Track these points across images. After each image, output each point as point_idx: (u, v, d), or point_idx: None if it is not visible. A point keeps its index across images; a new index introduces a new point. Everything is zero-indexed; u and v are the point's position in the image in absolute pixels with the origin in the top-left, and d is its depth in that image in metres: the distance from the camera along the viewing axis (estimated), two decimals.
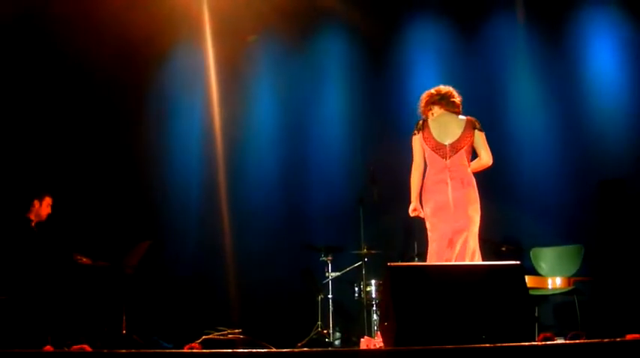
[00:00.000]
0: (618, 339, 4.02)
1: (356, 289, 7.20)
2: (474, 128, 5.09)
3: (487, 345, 4.10)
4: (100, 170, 8.01)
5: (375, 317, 7.01)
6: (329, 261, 7.36)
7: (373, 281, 7.04)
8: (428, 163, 4.99)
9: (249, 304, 7.83)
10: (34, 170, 7.56)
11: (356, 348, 5.32)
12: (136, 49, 7.99)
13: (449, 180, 4.88)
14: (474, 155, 5.26)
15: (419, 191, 5.04)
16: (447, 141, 4.97)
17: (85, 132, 8.05)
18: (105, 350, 5.25)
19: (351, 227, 7.00)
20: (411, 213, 5.06)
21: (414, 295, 4.59)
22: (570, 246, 7.27)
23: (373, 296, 7.03)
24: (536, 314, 6.50)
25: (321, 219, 8.13)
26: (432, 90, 5.25)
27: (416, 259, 7.10)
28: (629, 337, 4.12)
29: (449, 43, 8.59)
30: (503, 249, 6.90)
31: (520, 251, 7.04)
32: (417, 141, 5.04)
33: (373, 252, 7.09)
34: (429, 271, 4.85)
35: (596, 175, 7.70)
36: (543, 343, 4.21)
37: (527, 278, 5.45)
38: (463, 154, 4.98)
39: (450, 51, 8.56)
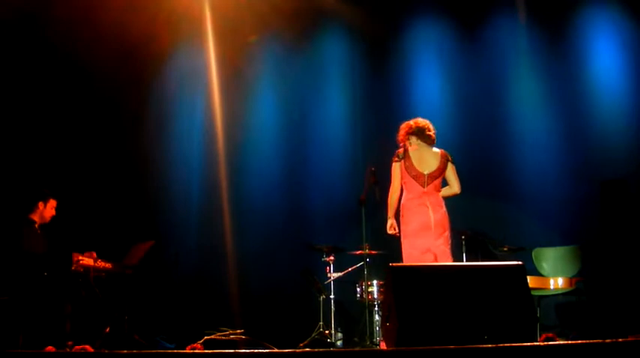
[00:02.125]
0: (620, 340, 4.01)
1: (358, 289, 7.19)
2: (448, 160, 5.77)
3: (489, 345, 4.10)
4: (101, 170, 8.03)
5: (377, 317, 7.00)
6: (331, 262, 7.36)
7: (375, 282, 7.02)
8: (406, 188, 5.58)
9: (250, 304, 7.83)
10: (37, 170, 7.57)
11: (357, 349, 5.31)
12: (138, 49, 8.01)
13: (429, 204, 5.51)
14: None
15: (395, 211, 5.60)
16: (426, 171, 5.60)
17: (86, 132, 8.06)
18: (106, 351, 5.27)
19: (353, 227, 6.97)
20: (389, 230, 5.61)
21: (416, 295, 4.61)
22: (572, 247, 7.28)
23: (375, 296, 7.01)
24: (538, 315, 6.49)
25: (322, 219, 8.13)
26: (411, 122, 5.80)
27: None
28: (631, 338, 4.12)
29: (451, 43, 8.59)
30: (505, 249, 6.89)
31: (522, 251, 7.01)
32: (398, 167, 5.62)
33: (375, 252, 7.07)
34: (430, 271, 4.86)
35: (598, 175, 7.69)
36: (545, 343, 4.20)
37: (529, 278, 5.46)
38: (438, 183, 5.66)
39: (451, 51, 8.56)
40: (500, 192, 8.10)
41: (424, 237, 5.48)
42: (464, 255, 6.90)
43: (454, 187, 5.75)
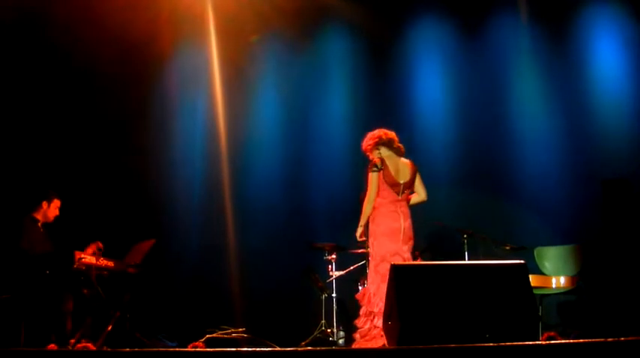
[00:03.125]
0: (622, 338, 4.00)
1: (360, 288, 7.13)
2: (416, 170, 5.92)
3: (491, 344, 4.09)
4: (103, 169, 8.04)
5: None
6: (332, 260, 7.35)
7: None
8: (380, 196, 5.71)
9: (252, 303, 7.84)
10: (41, 169, 7.59)
11: (360, 348, 5.31)
12: (139, 48, 8.01)
13: (400, 213, 5.70)
14: None
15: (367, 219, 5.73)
16: (402, 181, 5.77)
17: (89, 131, 8.08)
18: (108, 349, 5.28)
19: (355, 225, 6.93)
20: (359, 238, 5.75)
21: (418, 294, 4.62)
22: (574, 245, 7.25)
23: None
24: (540, 314, 6.48)
25: (324, 218, 8.13)
26: (381, 134, 5.95)
27: (420, 258, 7.03)
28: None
29: (452, 42, 8.58)
30: (507, 247, 6.87)
31: (524, 250, 7.00)
32: (376, 177, 5.72)
33: None
34: (432, 270, 4.86)
35: (600, 174, 7.66)
36: (547, 342, 4.20)
37: (530, 277, 5.45)
38: (409, 192, 5.85)
39: (453, 50, 8.55)
40: (502, 191, 8.09)
41: (394, 241, 5.64)
42: (465, 253, 6.89)
43: (422, 195, 5.93)
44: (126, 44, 7.92)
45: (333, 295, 7.25)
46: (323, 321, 7.19)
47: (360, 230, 5.70)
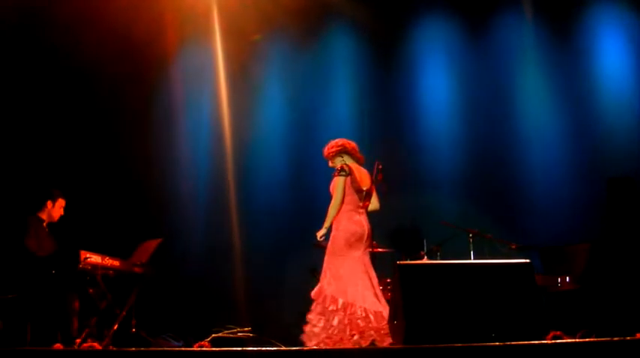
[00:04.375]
0: (628, 338, 4.01)
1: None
2: (372, 181, 6.04)
3: (497, 344, 4.10)
4: (108, 169, 8.05)
5: None
6: None
7: (382, 280, 7.00)
8: (346, 201, 5.85)
9: (258, 303, 7.84)
10: (46, 169, 7.60)
11: (366, 347, 5.32)
12: (143, 48, 8.02)
13: (363, 219, 5.84)
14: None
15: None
16: (365, 188, 5.90)
17: (94, 132, 8.08)
18: (114, 348, 5.30)
19: None
20: (319, 238, 5.81)
21: (424, 293, 4.64)
22: (579, 244, 7.22)
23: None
24: (546, 313, 6.47)
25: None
26: (344, 142, 6.08)
27: (425, 257, 7.08)
28: (639, 335, 4.12)
29: (457, 41, 8.59)
30: (513, 247, 6.87)
31: (529, 249, 7.00)
32: (343, 182, 5.86)
33: (382, 250, 7.04)
34: (438, 269, 4.87)
35: (605, 173, 7.67)
36: (553, 342, 4.20)
37: (536, 276, 5.44)
38: (367, 199, 5.98)
39: (458, 48, 8.57)
40: (507, 190, 8.11)
41: (356, 248, 5.73)
42: (471, 253, 6.90)
43: (376, 204, 6.07)
44: (129, 43, 7.92)
45: None
46: None
47: (323, 231, 5.77)
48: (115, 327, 6.32)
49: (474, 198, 8.04)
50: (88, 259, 6.09)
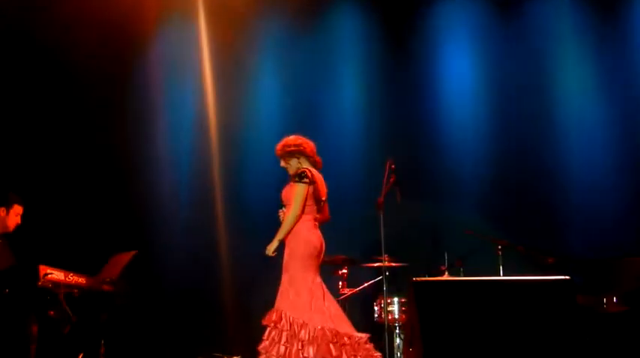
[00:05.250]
0: None
1: (375, 308, 7.17)
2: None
3: None
4: (75, 169, 8.01)
5: (398, 341, 6.97)
6: (343, 276, 7.33)
7: (396, 300, 6.99)
8: (305, 211, 5.90)
9: (249, 324, 7.76)
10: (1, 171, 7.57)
11: None
12: (118, 29, 8.03)
13: (319, 232, 5.95)
14: None
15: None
16: (324, 197, 6.03)
17: (59, 126, 8.06)
18: None
19: (369, 235, 6.94)
20: (272, 253, 5.82)
21: (444, 315, 4.68)
22: (628, 258, 7.18)
23: (396, 316, 6.98)
24: (589, 339, 6.42)
25: (333, 226, 8.06)
26: (303, 141, 6.16)
27: (446, 273, 7.05)
28: None
29: (484, 21, 8.62)
30: (549, 260, 6.85)
31: (569, 263, 6.95)
32: (305, 190, 5.89)
33: (395, 264, 7.04)
34: (460, 287, 4.87)
35: None
36: None
37: (577, 295, 5.39)
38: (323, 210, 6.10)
39: (485, 29, 8.59)
40: (543, 195, 8.17)
41: (315, 263, 5.84)
42: (500, 267, 6.89)
43: (327, 215, 6.16)
44: (102, 24, 7.95)
45: None
46: None
47: (275, 244, 5.77)
48: (81, 356, 6.30)
49: (503, 204, 8.10)
50: (49, 276, 6.02)
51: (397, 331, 6.99)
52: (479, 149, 8.30)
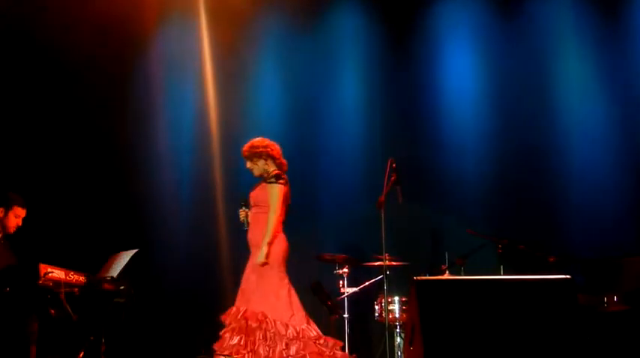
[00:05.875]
0: None
1: (376, 307, 7.17)
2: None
3: None
4: (77, 169, 8.02)
5: (398, 340, 6.99)
6: (344, 275, 7.31)
7: (397, 299, 7.00)
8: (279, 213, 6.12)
9: None
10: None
11: None
12: (117, 27, 8.00)
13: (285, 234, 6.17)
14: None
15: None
16: (291, 201, 6.26)
17: (60, 125, 8.06)
18: None
19: (370, 234, 6.93)
20: (265, 260, 5.98)
21: (445, 314, 4.62)
22: (630, 257, 7.19)
23: (397, 315, 6.99)
24: (590, 338, 6.41)
25: (334, 225, 8.13)
26: (271, 144, 6.34)
27: (447, 272, 7.04)
28: None
29: (485, 19, 8.59)
30: (551, 259, 6.85)
31: (570, 262, 6.95)
32: (281, 191, 6.11)
33: (397, 263, 7.05)
34: (461, 286, 4.88)
35: None
36: None
37: (578, 294, 5.38)
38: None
39: (486, 28, 8.57)
40: (544, 194, 8.16)
41: (284, 265, 6.10)
42: (501, 266, 6.90)
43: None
44: (102, 23, 7.92)
45: (345, 315, 7.21)
46: None
47: (266, 250, 5.97)
48: (82, 355, 6.27)
49: (505, 203, 8.10)
50: (50, 274, 6.02)
51: (398, 330, 7.00)
52: (480, 148, 8.28)
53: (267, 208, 6.09)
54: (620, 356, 6.54)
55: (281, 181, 6.09)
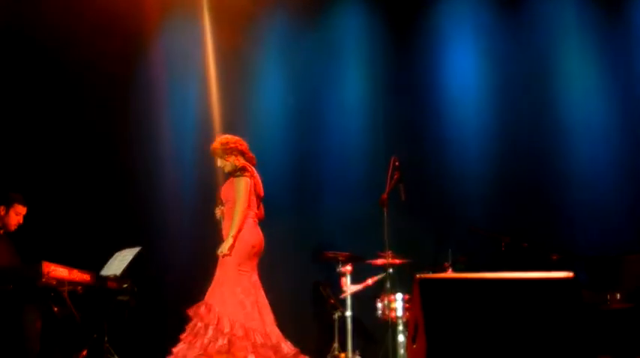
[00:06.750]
0: None
1: (379, 305, 7.14)
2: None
3: None
4: (80, 169, 8.03)
5: (401, 338, 6.96)
6: (347, 272, 7.29)
7: (399, 296, 6.97)
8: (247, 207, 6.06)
9: None
10: (2, 169, 7.57)
11: None
12: (119, 25, 8.00)
13: (259, 229, 6.14)
14: None
15: None
16: (262, 194, 6.24)
17: (62, 125, 8.07)
18: None
19: (373, 232, 6.94)
20: (227, 251, 5.92)
21: (448, 312, 4.60)
22: (633, 255, 7.19)
23: (399, 313, 6.97)
24: (593, 336, 6.42)
25: (337, 223, 8.13)
26: (238, 140, 6.32)
27: (450, 270, 7.08)
28: None
29: (488, 18, 8.60)
30: (554, 257, 6.85)
31: (573, 260, 6.95)
32: (247, 184, 6.07)
33: (399, 261, 7.05)
34: (465, 285, 4.85)
35: None
36: None
37: (582, 292, 5.39)
38: (261, 208, 6.29)
39: (489, 27, 8.58)
40: (547, 191, 8.18)
41: (253, 262, 6.05)
42: (504, 264, 6.86)
43: (262, 214, 6.32)
44: (104, 23, 7.91)
45: (348, 313, 7.20)
46: (335, 345, 7.23)
47: (230, 242, 5.87)
48: (85, 353, 6.31)
49: (508, 200, 8.11)
50: (53, 272, 6.03)
51: (401, 328, 6.97)
52: (483, 146, 8.30)
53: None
54: (622, 354, 6.55)
55: (247, 174, 6.05)
